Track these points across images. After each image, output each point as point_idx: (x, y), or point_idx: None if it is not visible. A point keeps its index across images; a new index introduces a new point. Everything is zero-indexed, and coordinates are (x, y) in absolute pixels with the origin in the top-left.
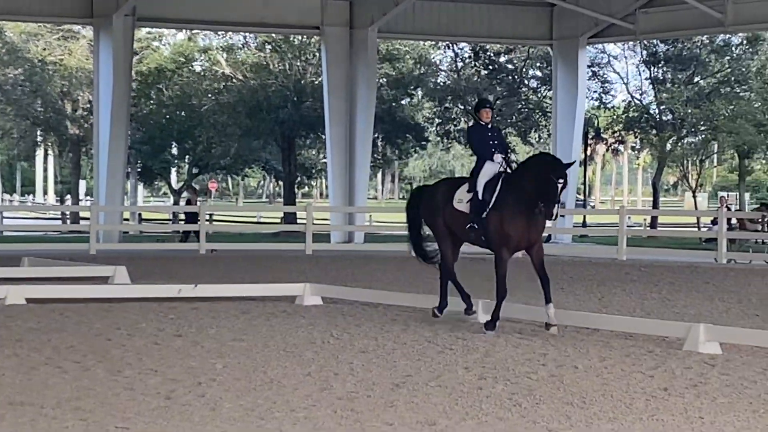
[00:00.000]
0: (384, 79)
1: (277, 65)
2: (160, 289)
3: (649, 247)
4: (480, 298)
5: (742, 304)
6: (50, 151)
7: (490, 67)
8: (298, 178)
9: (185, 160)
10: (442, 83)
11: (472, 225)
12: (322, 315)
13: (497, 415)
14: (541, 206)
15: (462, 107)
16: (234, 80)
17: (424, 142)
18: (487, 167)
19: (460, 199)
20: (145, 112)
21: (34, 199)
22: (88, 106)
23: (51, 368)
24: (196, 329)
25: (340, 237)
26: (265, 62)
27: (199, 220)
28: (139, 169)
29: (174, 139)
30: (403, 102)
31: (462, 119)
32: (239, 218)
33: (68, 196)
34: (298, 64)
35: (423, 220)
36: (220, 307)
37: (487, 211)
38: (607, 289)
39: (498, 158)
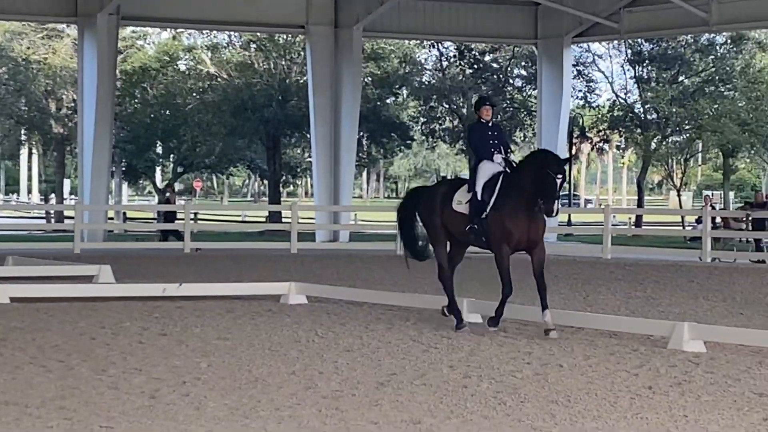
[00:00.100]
0: (369, 78)
1: (262, 64)
2: (145, 288)
3: (634, 246)
4: (465, 297)
5: (727, 303)
6: (34, 150)
7: (475, 66)
8: (283, 177)
9: (170, 159)
10: (427, 82)
11: (472, 226)
12: (307, 314)
13: (482, 413)
14: (541, 203)
15: (447, 106)
16: (219, 79)
17: (409, 141)
18: (486, 167)
19: (459, 201)
20: (129, 111)
21: (18, 198)
22: (73, 105)
23: (35, 367)
24: (181, 328)
25: (325, 236)
26: (249, 61)
27: (177, 220)
28: (124, 168)
29: (159, 138)
30: (388, 101)
31: (447, 118)
32: (224, 217)
33: (53, 195)
34: (283, 63)
35: (420, 220)
36: (204, 306)
37: (487, 211)
38: (591, 288)
39: (498, 158)
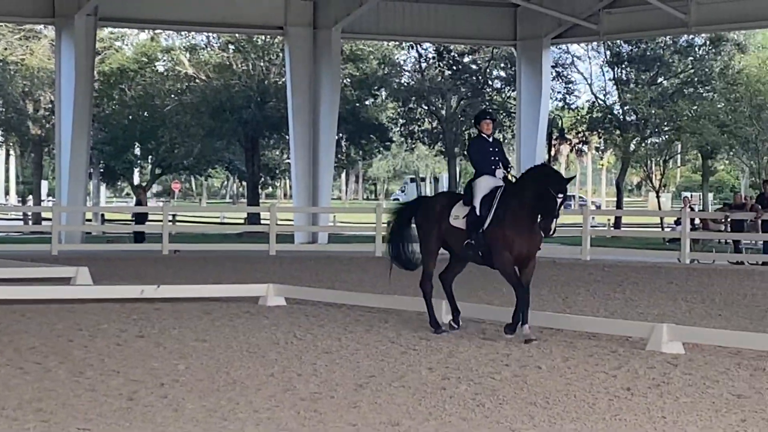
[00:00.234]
0: (348, 80)
1: (240, 65)
2: (123, 290)
3: (613, 248)
4: (443, 300)
5: (705, 304)
6: (12, 152)
7: (454, 68)
8: (262, 179)
9: (148, 161)
10: (406, 84)
11: (469, 242)
12: (286, 316)
13: (460, 415)
14: (540, 221)
15: (426, 108)
16: (197, 80)
17: (388, 143)
18: (484, 182)
19: (457, 215)
20: (107, 112)
21: None
22: (50, 106)
23: (12, 369)
24: (159, 330)
25: (304, 237)
26: (228, 62)
27: (147, 221)
28: (102, 170)
29: (137, 139)
30: (367, 102)
31: (426, 119)
32: (202, 219)
33: (30, 197)
34: (262, 64)
35: (417, 230)
36: (182, 308)
37: (485, 226)
38: (570, 290)
39: (500, 173)
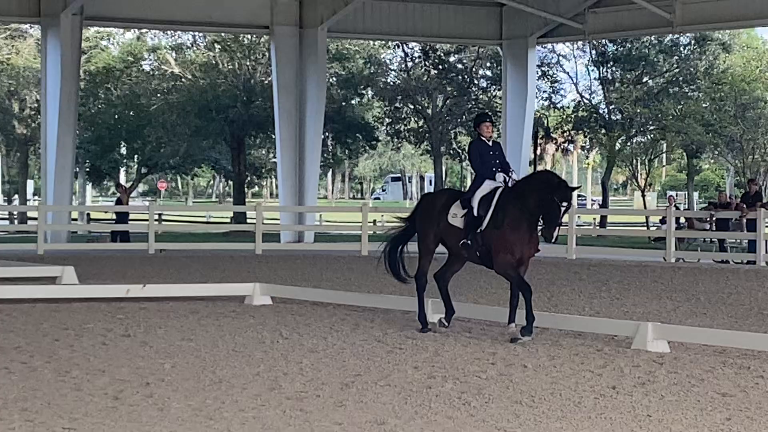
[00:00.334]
0: (334, 79)
1: (226, 65)
2: (109, 290)
3: (599, 246)
4: (430, 298)
5: (691, 303)
6: None
7: (440, 67)
8: (248, 178)
9: (134, 160)
10: (392, 83)
11: (465, 241)
12: (272, 315)
13: (446, 414)
14: (542, 228)
15: (412, 107)
16: (183, 80)
17: (374, 142)
18: (485, 185)
19: (455, 214)
20: (93, 111)
21: None
22: (36, 105)
23: None
24: (145, 329)
25: (290, 237)
26: (214, 62)
27: (128, 221)
28: (88, 169)
29: (123, 138)
30: (353, 102)
31: (412, 119)
32: (189, 218)
33: (16, 196)
34: (248, 63)
35: (416, 226)
36: (168, 307)
37: (483, 227)
38: (556, 288)
39: (500, 177)
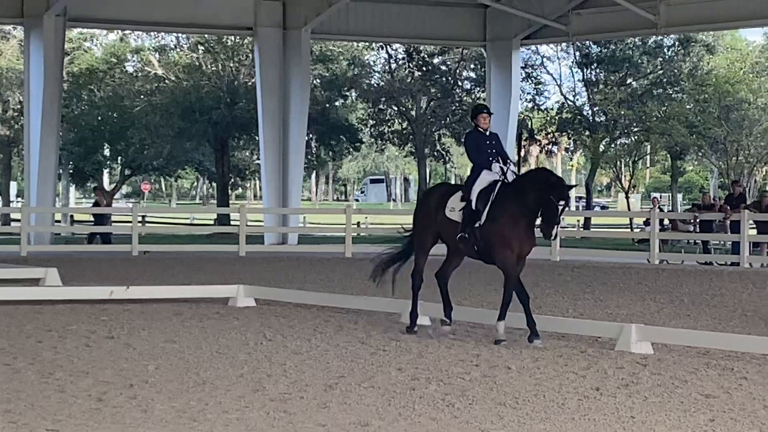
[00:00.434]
0: (317, 80)
1: (210, 66)
2: (92, 291)
3: (583, 248)
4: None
5: (674, 305)
6: None
7: (424, 69)
8: (232, 180)
9: (117, 162)
10: (375, 84)
11: (463, 235)
12: (256, 316)
13: (430, 415)
14: (540, 225)
15: (396, 108)
16: (166, 81)
17: (358, 144)
18: (483, 176)
19: (452, 208)
20: (76, 113)
21: None
22: (19, 107)
23: None
24: (128, 331)
25: (274, 238)
26: (197, 63)
27: (107, 223)
28: (71, 171)
29: (106, 140)
30: (337, 103)
31: (396, 120)
32: (172, 220)
33: None
34: (231, 65)
35: (413, 222)
36: (152, 309)
37: (481, 222)
38: (540, 290)
39: (496, 167)
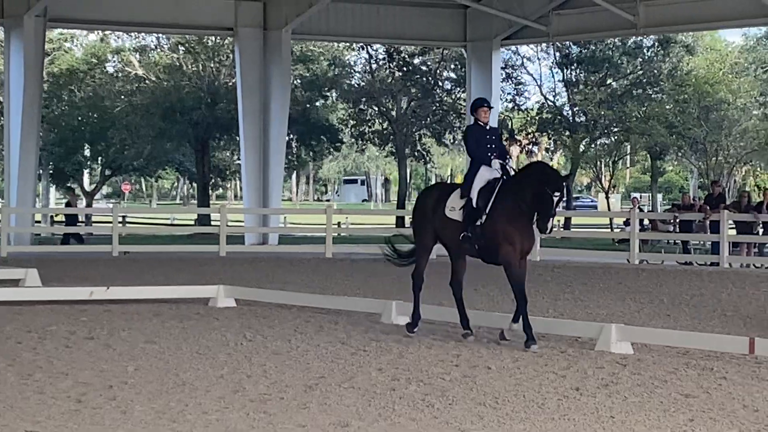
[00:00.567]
0: (298, 81)
1: (190, 66)
2: (72, 292)
3: (563, 248)
4: (394, 300)
5: (654, 305)
6: None
7: (405, 69)
8: (212, 180)
9: (98, 162)
10: (356, 85)
11: (465, 234)
12: (236, 317)
13: (410, 416)
14: (537, 219)
15: (376, 109)
16: (147, 81)
17: (339, 144)
18: (482, 172)
19: (452, 207)
20: (56, 113)
21: None
22: None
23: None
24: (108, 332)
25: (255, 239)
26: (178, 63)
27: (79, 223)
28: (51, 171)
29: (86, 140)
30: (318, 103)
31: (376, 120)
32: (153, 220)
33: None
34: (212, 65)
35: (412, 226)
36: (132, 310)
37: (483, 219)
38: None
39: (496, 164)
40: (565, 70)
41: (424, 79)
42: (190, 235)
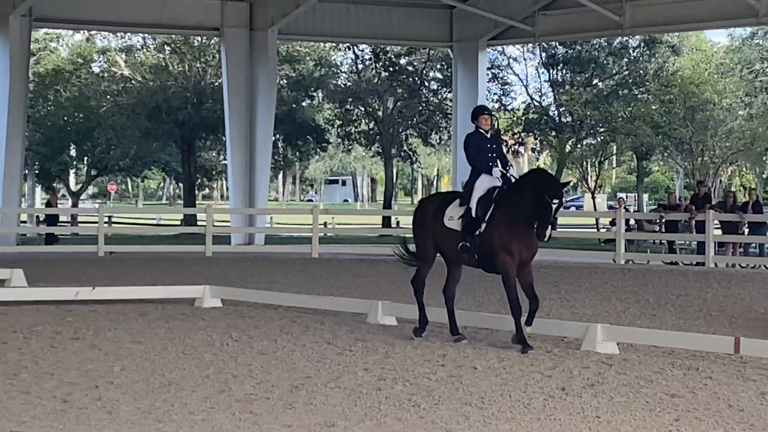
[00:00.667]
0: (284, 81)
1: (176, 67)
2: (58, 292)
3: (549, 248)
4: (380, 300)
5: (640, 304)
6: None
7: (391, 69)
8: (198, 180)
9: (84, 162)
10: (342, 85)
11: (464, 244)
12: (222, 317)
13: (396, 416)
14: (536, 226)
15: (362, 109)
16: (133, 81)
17: (325, 144)
18: (482, 181)
19: (451, 217)
20: (42, 113)
21: None
22: None
23: None
24: (94, 332)
25: (241, 239)
26: (164, 63)
27: (60, 223)
28: (37, 171)
29: (72, 140)
30: (304, 104)
31: (363, 121)
32: (139, 220)
33: None
34: (198, 65)
35: (413, 235)
36: (118, 310)
37: (482, 229)
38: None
39: (496, 172)
40: (551, 71)
41: (411, 80)
42: (176, 235)
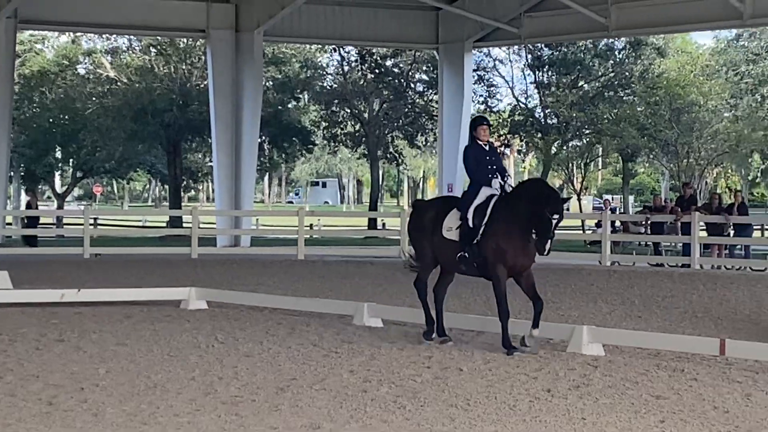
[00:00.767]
0: (270, 83)
1: (162, 68)
2: (43, 294)
3: None
4: (366, 302)
5: (626, 306)
6: None
7: (377, 71)
8: (184, 182)
9: (69, 164)
10: (328, 87)
11: (462, 254)
12: (207, 319)
13: (381, 417)
14: (534, 238)
15: (348, 111)
16: (118, 83)
17: (311, 146)
18: (483, 194)
19: (449, 227)
20: (28, 115)
21: None
22: None
23: None
24: (79, 334)
25: (227, 241)
26: (150, 65)
27: (39, 225)
28: (22, 173)
29: (58, 142)
30: (290, 105)
31: (349, 122)
32: (124, 222)
33: None
34: (184, 67)
35: (411, 240)
36: (103, 312)
37: (479, 238)
38: (492, 292)
39: (496, 184)
40: (537, 72)
41: (397, 81)
42: (161, 237)
